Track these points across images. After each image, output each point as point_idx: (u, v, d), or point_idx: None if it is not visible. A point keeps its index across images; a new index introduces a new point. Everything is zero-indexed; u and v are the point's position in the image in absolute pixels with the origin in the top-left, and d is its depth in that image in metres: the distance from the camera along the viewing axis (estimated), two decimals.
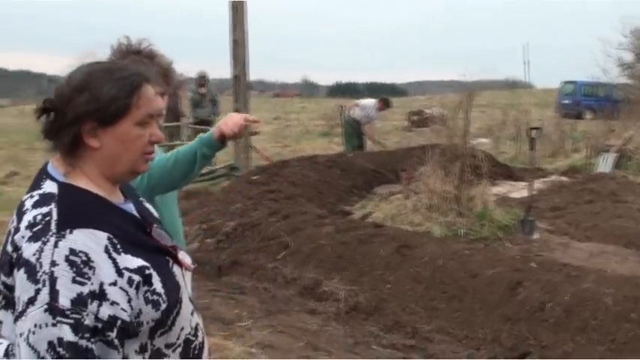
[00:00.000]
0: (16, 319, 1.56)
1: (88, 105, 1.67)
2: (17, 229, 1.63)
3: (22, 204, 1.69)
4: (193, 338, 1.80)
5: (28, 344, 1.50)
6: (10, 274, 1.61)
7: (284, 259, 7.05)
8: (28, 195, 1.71)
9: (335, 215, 8.41)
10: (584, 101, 30.04)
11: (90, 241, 1.59)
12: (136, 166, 1.77)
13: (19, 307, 1.54)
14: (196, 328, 1.83)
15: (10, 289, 1.61)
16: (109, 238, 1.63)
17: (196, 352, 1.82)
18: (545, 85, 44.82)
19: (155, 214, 2.02)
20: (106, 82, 1.69)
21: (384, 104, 14.75)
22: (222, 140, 2.63)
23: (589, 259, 6.99)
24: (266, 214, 8.03)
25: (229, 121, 2.61)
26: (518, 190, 10.65)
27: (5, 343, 1.71)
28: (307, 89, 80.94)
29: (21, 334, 1.52)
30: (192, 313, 1.83)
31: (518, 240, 7.80)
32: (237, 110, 12.88)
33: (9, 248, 1.63)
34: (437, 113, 12.31)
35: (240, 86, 12.77)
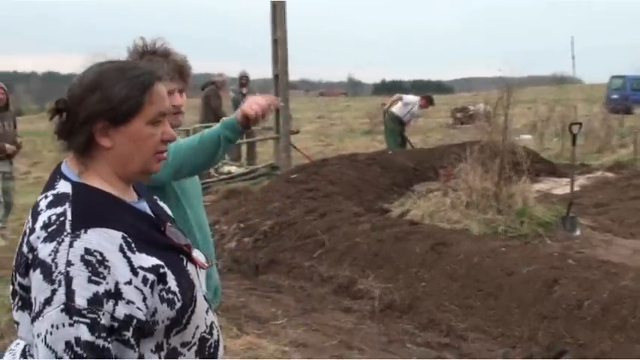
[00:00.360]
0: (33, 320, 1.57)
1: (100, 104, 1.68)
2: (32, 230, 1.64)
3: (36, 204, 1.71)
4: (208, 336, 1.81)
5: (46, 345, 1.51)
6: (26, 274, 1.62)
7: (320, 257, 7.04)
8: (43, 195, 1.72)
9: (372, 213, 8.37)
10: (633, 96, 29.28)
11: (104, 240, 1.60)
12: (148, 165, 1.77)
13: (36, 308, 1.56)
14: (211, 327, 1.84)
15: (27, 290, 1.63)
16: (123, 237, 1.63)
17: (212, 350, 1.82)
18: (594, 81, 43.94)
19: (169, 212, 2.03)
20: (117, 82, 1.70)
21: (427, 102, 14.62)
22: (245, 124, 2.60)
23: (632, 256, 6.82)
24: (303, 213, 8.04)
25: (252, 103, 2.58)
26: (562, 187, 10.46)
27: (22, 344, 1.72)
28: (352, 88, 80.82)
29: (38, 335, 1.54)
30: (207, 312, 1.83)
31: (559, 237, 7.63)
32: (277, 110, 12.94)
33: (24, 249, 1.64)
34: (481, 110, 12.16)
35: (281, 85, 12.79)
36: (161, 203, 2.03)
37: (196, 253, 1.90)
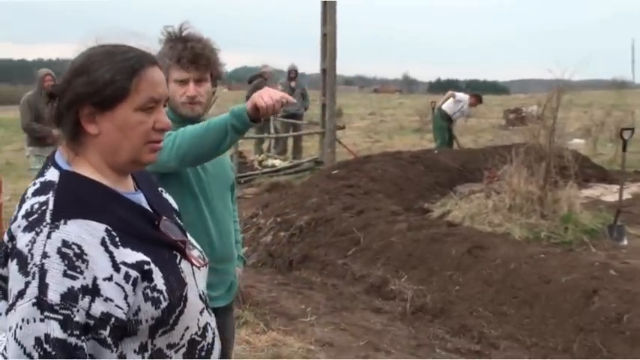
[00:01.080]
0: (6, 312, 1.50)
1: (84, 88, 1.60)
2: (15, 218, 1.58)
3: (25, 192, 1.64)
4: (200, 339, 1.71)
5: (15, 339, 1.44)
6: (5, 264, 1.56)
7: (354, 255, 6.92)
8: (32, 183, 1.65)
9: (410, 212, 8.20)
10: None
11: (85, 232, 1.51)
12: (139, 155, 1.67)
13: (10, 300, 1.49)
14: (205, 328, 1.74)
15: (6, 280, 1.56)
16: (107, 230, 1.55)
17: (203, 353, 1.73)
18: None
19: (174, 205, 1.95)
20: (103, 65, 1.61)
21: (477, 100, 14.36)
22: (255, 115, 2.46)
23: None
24: (340, 209, 7.91)
25: (264, 94, 2.45)
26: (612, 194, 10.11)
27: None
28: (407, 85, 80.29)
29: (9, 329, 1.46)
30: (201, 312, 1.74)
31: (604, 245, 7.37)
32: (324, 105, 12.86)
33: (5, 238, 1.58)
34: (534, 112, 11.86)
35: (328, 79, 12.70)
36: (166, 195, 1.94)
37: (191, 250, 1.80)
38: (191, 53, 2.81)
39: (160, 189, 1.93)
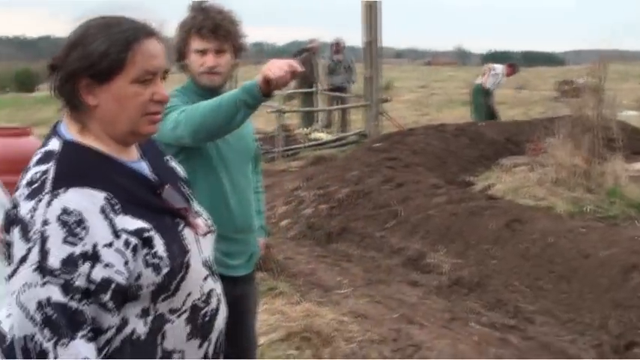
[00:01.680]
0: (9, 277, 1.54)
1: (80, 61, 1.62)
2: (19, 186, 1.61)
3: (29, 162, 1.68)
4: (203, 305, 1.73)
5: (18, 303, 1.49)
6: (8, 231, 1.59)
7: (392, 228, 6.91)
8: (35, 152, 1.69)
9: (451, 185, 8.13)
10: None
11: (85, 200, 1.54)
12: (136, 126, 1.68)
13: (13, 266, 1.53)
14: (209, 295, 1.76)
15: (11, 246, 1.59)
16: (106, 198, 1.57)
17: (207, 318, 1.75)
18: None
19: (181, 174, 1.96)
20: (98, 37, 1.63)
21: (513, 69, 14.04)
22: (266, 88, 2.45)
23: None
24: (380, 182, 7.90)
25: (272, 66, 2.43)
26: None
27: None
28: (460, 57, 79.01)
29: (13, 293, 1.51)
30: (205, 279, 1.76)
31: None
32: (369, 78, 12.78)
33: (8, 206, 1.62)
34: (589, 83, 11.58)
35: (372, 52, 12.59)
36: (173, 164, 1.95)
37: (196, 218, 1.81)
38: (211, 23, 2.82)
39: (166, 157, 1.94)
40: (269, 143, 12.64)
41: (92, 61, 1.61)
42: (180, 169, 1.97)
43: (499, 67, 13.84)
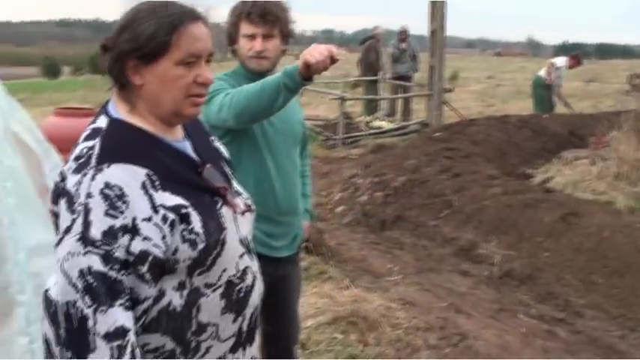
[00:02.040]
0: (55, 246, 1.63)
1: (129, 43, 1.69)
2: (67, 161, 1.71)
3: (79, 137, 1.77)
4: (238, 281, 1.79)
5: (62, 270, 1.57)
6: (56, 203, 1.68)
7: (446, 217, 6.90)
8: (85, 129, 1.78)
9: (510, 177, 8.04)
10: None
11: (127, 176, 1.62)
12: (179, 107, 1.75)
13: (59, 235, 1.62)
14: (244, 272, 1.82)
15: (58, 216, 1.69)
16: (147, 175, 1.65)
17: (241, 294, 1.81)
18: None
19: (224, 154, 2.02)
20: (146, 20, 1.70)
21: (576, 61, 13.67)
22: (306, 73, 2.50)
23: None
24: (437, 172, 7.88)
25: (313, 50, 2.47)
26: None
27: None
28: (532, 48, 77.41)
29: (57, 260, 1.60)
30: (241, 256, 1.82)
31: None
32: (432, 67, 12.68)
33: (58, 178, 1.70)
34: None
35: (437, 41, 12.48)
36: (216, 144, 2.02)
37: (235, 197, 1.87)
38: (260, 9, 2.87)
39: (211, 138, 2.01)
40: (330, 130, 12.69)
41: (140, 43, 1.68)
42: (223, 150, 2.04)
43: (561, 61, 13.52)
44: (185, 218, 1.67)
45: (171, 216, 1.64)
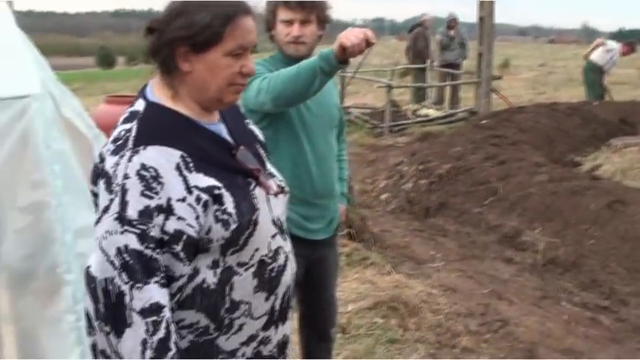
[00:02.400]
0: (95, 225, 1.70)
1: (182, 30, 1.73)
2: (106, 143, 1.78)
3: (118, 119, 1.85)
4: (270, 260, 1.83)
5: (100, 248, 1.64)
6: (95, 183, 1.75)
7: (490, 205, 6.86)
8: (124, 112, 1.85)
9: (557, 165, 7.94)
10: None
11: (162, 157, 1.67)
12: (222, 95, 1.80)
13: (97, 214, 1.69)
14: (277, 252, 1.86)
15: (97, 196, 1.75)
16: (182, 156, 1.70)
17: (273, 274, 1.85)
18: None
19: (259, 137, 2.07)
20: (202, 10, 1.74)
21: (630, 48, 13.30)
22: (342, 56, 2.53)
23: None
24: (482, 159, 7.83)
25: (349, 33, 2.51)
26: None
27: None
28: (586, 35, 75.70)
29: (96, 239, 1.66)
30: (273, 236, 1.86)
31: None
32: (480, 54, 12.56)
33: (97, 160, 1.77)
34: None
35: (485, 28, 12.33)
36: (252, 127, 2.07)
37: (267, 179, 1.90)
38: None
39: (246, 121, 2.06)
40: (377, 118, 12.69)
41: (194, 31, 1.72)
42: (258, 133, 2.09)
43: (614, 45, 13.17)
44: (218, 199, 1.71)
45: (204, 197, 1.68)
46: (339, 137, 3.34)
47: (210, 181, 1.71)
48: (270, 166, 1.99)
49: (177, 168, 1.68)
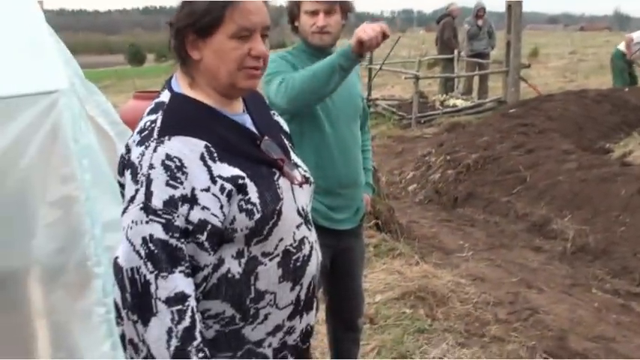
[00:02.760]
0: (122, 215, 1.71)
1: (187, 18, 1.77)
2: (133, 134, 1.81)
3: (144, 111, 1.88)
4: (294, 250, 1.84)
5: (127, 237, 1.65)
6: (122, 174, 1.78)
7: (518, 193, 6.82)
8: (150, 103, 1.87)
9: (587, 152, 7.86)
10: None
11: (186, 148, 1.69)
12: (235, 79, 1.80)
13: (124, 204, 1.71)
14: (301, 242, 1.86)
15: (124, 187, 1.78)
16: (206, 147, 1.71)
17: (298, 264, 1.85)
18: None
19: (284, 127, 2.09)
20: None
21: None
22: (359, 50, 2.59)
23: None
24: (510, 148, 7.78)
25: (366, 27, 2.56)
26: None
27: None
28: (618, 22, 74.58)
29: (123, 228, 1.68)
30: (298, 227, 1.86)
31: None
32: (508, 42, 12.45)
33: (123, 151, 1.80)
34: None
35: (513, 16, 12.21)
36: (277, 118, 2.09)
37: (292, 169, 1.91)
38: None
39: (272, 112, 2.08)
40: (405, 110, 12.65)
41: (195, 17, 1.75)
42: (283, 123, 2.10)
43: (638, 35, 12.97)
44: (242, 189, 1.72)
45: (228, 186, 1.69)
46: (363, 127, 3.36)
47: (234, 171, 1.72)
48: (295, 157, 2.00)
49: (202, 158, 1.69)
